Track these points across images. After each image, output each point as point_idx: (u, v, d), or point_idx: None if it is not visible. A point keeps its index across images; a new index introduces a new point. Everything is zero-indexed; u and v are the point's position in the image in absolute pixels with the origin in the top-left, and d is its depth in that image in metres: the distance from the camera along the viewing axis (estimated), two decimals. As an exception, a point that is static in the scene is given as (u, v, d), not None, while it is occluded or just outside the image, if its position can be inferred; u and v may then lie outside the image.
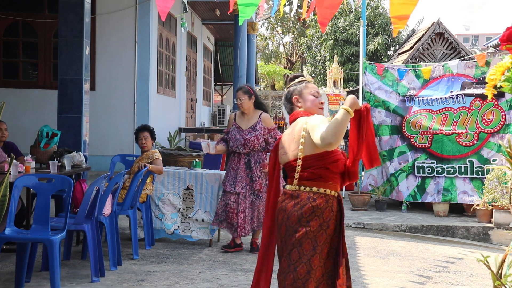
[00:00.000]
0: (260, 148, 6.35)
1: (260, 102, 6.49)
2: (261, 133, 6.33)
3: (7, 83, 11.43)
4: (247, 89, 6.43)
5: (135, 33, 11.43)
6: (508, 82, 2.65)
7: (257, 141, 6.30)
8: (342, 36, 26.27)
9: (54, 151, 6.32)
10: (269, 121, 6.43)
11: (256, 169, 6.30)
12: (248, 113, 6.41)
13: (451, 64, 9.95)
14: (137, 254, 5.95)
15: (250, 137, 6.29)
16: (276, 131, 6.44)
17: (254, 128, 6.34)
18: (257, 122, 6.36)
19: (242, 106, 6.37)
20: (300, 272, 3.11)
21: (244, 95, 6.36)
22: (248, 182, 6.29)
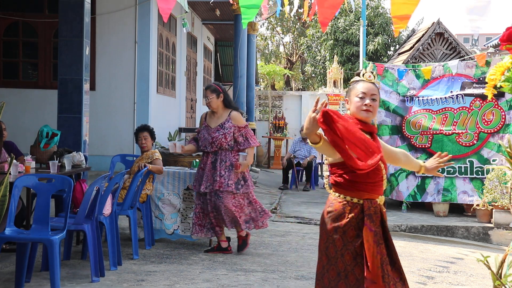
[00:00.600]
0: (228, 147, 6.15)
1: (229, 100, 6.33)
2: (229, 132, 6.14)
3: (7, 83, 11.43)
4: (215, 87, 6.29)
5: (135, 33, 11.43)
6: (508, 82, 2.65)
7: (224, 140, 6.12)
8: (342, 36, 26.26)
9: (54, 151, 6.32)
10: (239, 119, 6.25)
11: (220, 168, 6.11)
12: (218, 111, 6.27)
13: (451, 64, 9.95)
14: (137, 254, 5.95)
15: (218, 135, 6.14)
16: (247, 129, 6.23)
17: (223, 126, 6.18)
18: (226, 120, 6.21)
19: (210, 105, 6.26)
20: (332, 274, 3.16)
21: (212, 94, 6.24)
22: (212, 181, 6.12)
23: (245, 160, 6.13)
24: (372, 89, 3.25)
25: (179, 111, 14.31)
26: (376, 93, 3.26)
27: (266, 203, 10.73)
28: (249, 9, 5.16)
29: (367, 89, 3.25)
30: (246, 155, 6.16)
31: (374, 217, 3.15)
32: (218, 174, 6.09)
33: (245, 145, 6.18)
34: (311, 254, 6.57)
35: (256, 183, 13.33)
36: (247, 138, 6.19)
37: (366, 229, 3.13)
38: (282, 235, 7.69)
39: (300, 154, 13.37)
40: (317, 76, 29.91)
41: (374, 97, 3.24)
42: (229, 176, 6.10)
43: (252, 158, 6.23)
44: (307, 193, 12.57)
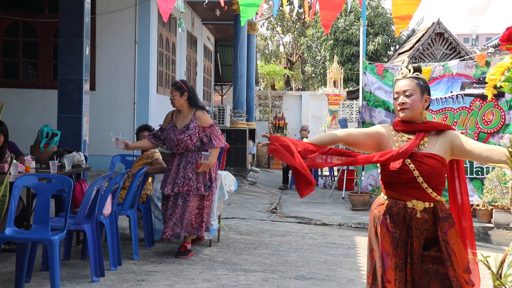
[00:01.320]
0: (194, 148, 5.96)
1: (195, 100, 6.06)
2: (194, 132, 5.93)
3: (7, 83, 11.43)
4: (180, 85, 6.04)
5: (135, 33, 11.42)
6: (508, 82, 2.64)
7: (190, 141, 5.93)
8: (342, 36, 26.27)
9: (54, 151, 6.32)
10: (204, 118, 6.00)
11: (187, 170, 5.95)
12: (183, 110, 6.04)
13: (451, 64, 9.95)
14: (137, 254, 5.95)
15: (183, 137, 5.93)
16: (212, 129, 5.98)
17: (188, 127, 5.95)
18: (191, 120, 5.97)
19: (173, 103, 6.03)
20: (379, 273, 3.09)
21: (176, 91, 6.00)
22: (175, 184, 5.95)
23: (207, 160, 5.91)
24: (405, 85, 3.09)
25: (179, 111, 14.30)
26: (409, 88, 3.07)
27: (266, 203, 10.73)
28: (248, 7, 5.16)
29: (399, 87, 3.11)
30: (209, 155, 5.93)
31: (395, 218, 3.04)
32: (185, 177, 5.93)
33: (209, 146, 5.98)
34: (311, 254, 6.57)
35: (256, 183, 13.34)
36: (211, 139, 5.97)
37: (383, 226, 3.07)
38: (282, 235, 7.69)
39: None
40: (317, 76, 29.91)
41: (407, 92, 3.07)
42: (197, 179, 5.94)
43: (214, 159, 5.98)
44: (307, 193, 12.55)
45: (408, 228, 3.03)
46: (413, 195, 3.04)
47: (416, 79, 3.11)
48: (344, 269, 5.95)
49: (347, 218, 9.25)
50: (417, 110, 3.07)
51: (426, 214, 3.03)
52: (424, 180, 3.01)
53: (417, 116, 3.09)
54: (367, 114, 10.21)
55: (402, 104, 3.06)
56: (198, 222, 6.02)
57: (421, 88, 3.09)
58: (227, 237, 7.26)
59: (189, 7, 14.30)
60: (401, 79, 3.14)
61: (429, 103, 3.13)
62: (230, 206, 9.74)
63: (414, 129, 3.08)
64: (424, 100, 3.09)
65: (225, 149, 9.98)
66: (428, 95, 3.12)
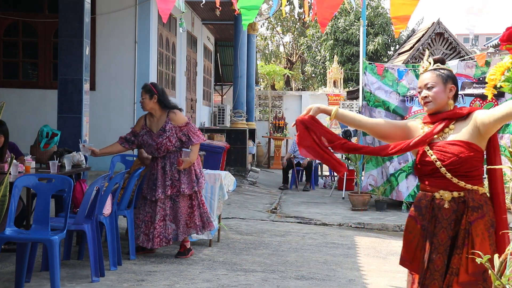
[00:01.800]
0: (175, 149, 5.91)
1: (166, 102, 5.97)
2: (172, 133, 5.87)
3: (7, 83, 11.42)
4: (149, 87, 5.96)
5: (135, 33, 11.42)
6: (508, 82, 2.65)
7: (170, 143, 5.86)
8: (342, 36, 26.27)
9: (54, 151, 6.31)
10: (178, 118, 5.94)
11: (172, 172, 5.90)
12: (156, 114, 5.97)
13: (451, 64, 9.95)
14: (134, 255, 5.93)
15: (162, 140, 5.85)
16: (189, 127, 5.93)
17: (164, 130, 5.88)
18: (166, 122, 5.91)
19: (143, 106, 5.97)
20: None
21: (145, 94, 5.94)
22: (165, 186, 5.89)
23: (188, 157, 5.89)
24: (426, 79, 3.06)
25: (179, 111, 14.29)
26: (430, 80, 3.03)
27: (266, 203, 10.73)
28: (249, 10, 5.16)
29: (421, 81, 3.08)
30: (190, 151, 5.91)
31: (424, 210, 2.99)
32: (173, 179, 5.90)
33: (189, 144, 5.94)
34: (311, 254, 6.57)
35: (256, 183, 13.34)
36: (189, 137, 5.92)
37: (411, 219, 3.04)
38: (282, 235, 7.69)
39: (300, 154, 13.36)
40: (317, 76, 29.91)
41: (429, 85, 3.03)
42: (184, 179, 5.91)
43: (195, 155, 5.93)
44: (307, 193, 12.57)
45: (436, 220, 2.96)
46: (440, 186, 2.96)
47: (437, 70, 3.07)
48: (344, 269, 5.95)
49: (347, 218, 9.25)
50: (440, 102, 3.02)
51: (455, 204, 2.94)
52: (448, 169, 2.92)
53: (442, 108, 3.04)
54: (367, 114, 10.21)
55: (424, 98, 3.04)
56: (193, 220, 6.00)
57: (443, 78, 3.04)
58: (227, 237, 7.26)
59: (189, 7, 14.29)
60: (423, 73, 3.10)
61: (455, 92, 3.05)
62: (230, 206, 9.74)
63: (438, 119, 3.04)
64: (448, 90, 3.03)
65: (225, 149, 10.01)
66: (454, 84, 3.05)
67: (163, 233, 5.90)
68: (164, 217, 5.92)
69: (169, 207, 5.94)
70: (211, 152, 9.42)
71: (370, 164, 10.30)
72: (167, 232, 5.91)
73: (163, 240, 5.90)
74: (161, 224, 5.90)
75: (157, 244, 5.88)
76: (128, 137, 6.10)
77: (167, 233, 5.91)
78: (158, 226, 5.88)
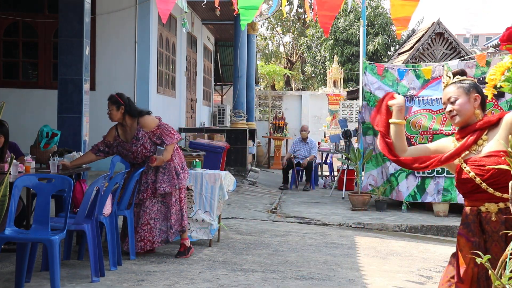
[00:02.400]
0: (152, 154, 5.88)
1: (134, 111, 5.90)
2: (146, 140, 5.86)
3: (7, 83, 11.43)
4: (116, 99, 5.87)
5: (135, 33, 11.42)
6: (508, 82, 2.64)
7: (145, 150, 5.87)
8: (342, 36, 26.27)
9: (54, 151, 6.32)
10: (149, 123, 5.91)
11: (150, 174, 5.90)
12: (126, 123, 5.91)
13: (451, 64, 9.95)
14: (134, 255, 5.92)
15: (137, 148, 5.86)
16: (161, 129, 5.88)
17: (137, 138, 5.86)
18: (138, 130, 5.87)
19: (111, 118, 5.90)
20: None
21: (112, 106, 5.86)
22: (148, 190, 5.90)
23: (161, 155, 5.85)
24: (448, 93, 3.01)
25: (179, 111, 14.32)
26: (452, 94, 2.99)
27: (266, 203, 10.73)
28: (248, 10, 5.16)
29: (444, 97, 3.04)
30: (163, 150, 5.87)
31: (472, 226, 2.90)
32: (147, 181, 5.90)
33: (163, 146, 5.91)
34: (311, 254, 6.57)
35: (256, 183, 13.34)
36: (162, 139, 5.89)
37: (461, 237, 2.96)
38: (282, 235, 7.69)
39: (300, 154, 13.37)
40: (317, 76, 29.91)
41: (452, 98, 2.98)
42: (160, 179, 5.89)
43: (169, 154, 5.88)
44: (307, 193, 12.57)
45: (486, 234, 2.89)
46: (484, 199, 2.88)
47: (458, 82, 3.03)
48: (344, 269, 5.95)
49: (347, 218, 9.25)
50: (466, 113, 2.97)
51: (502, 215, 2.85)
52: (489, 183, 2.83)
53: (470, 119, 2.98)
54: (367, 114, 10.21)
55: (450, 112, 2.99)
56: (177, 217, 5.99)
57: (465, 89, 2.99)
58: (227, 237, 7.26)
59: (189, 7, 14.29)
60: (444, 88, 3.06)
61: (480, 100, 2.99)
62: (230, 206, 9.75)
63: (469, 132, 2.96)
64: (473, 100, 2.98)
65: (225, 149, 10.00)
66: (478, 93, 3.00)
67: (147, 237, 5.91)
68: (149, 221, 5.92)
69: (157, 210, 5.96)
70: (211, 152, 9.42)
71: (370, 164, 10.30)
72: (152, 235, 5.93)
73: (147, 244, 5.92)
74: (144, 228, 5.91)
75: (139, 248, 5.91)
76: (101, 148, 6.07)
77: (151, 236, 5.92)
78: (141, 230, 5.90)
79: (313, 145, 13.54)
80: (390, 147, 3.08)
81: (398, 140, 3.09)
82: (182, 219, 6.04)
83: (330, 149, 14.09)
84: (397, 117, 3.09)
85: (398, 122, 3.08)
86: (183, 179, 6.04)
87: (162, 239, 6.01)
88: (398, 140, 3.09)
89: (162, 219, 5.98)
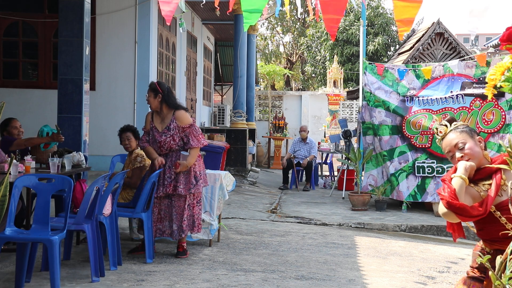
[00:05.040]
0: (178, 148, 5.92)
1: (171, 101, 5.98)
2: (176, 132, 5.89)
3: (7, 83, 11.43)
4: (154, 87, 5.97)
5: (135, 33, 11.43)
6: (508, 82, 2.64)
7: (173, 141, 5.89)
8: (342, 36, 26.25)
9: (54, 151, 6.32)
10: (183, 118, 5.94)
11: (170, 170, 5.91)
12: (161, 112, 5.98)
13: (451, 64, 9.95)
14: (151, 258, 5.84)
15: (166, 138, 5.89)
16: (191, 129, 5.93)
17: (169, 128, 5.91)
18: (171, 121, 5.92)
19: (150, 104, 6.00)
20: None
21: (151, 93, 5.96)
22: (164, 186, 5.90)
23: (185, 161, 5.86)
24: (452, 140, 2.97)
25: (179, 111, 14.30)
26: (457, 139, 2.94)
27: (266, 203, 10.73)
28: (251, 13, 5.16)
29: (447, 145, 3.00)
30: (188, 155, 5.89)
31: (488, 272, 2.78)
32: (170, 177, 5.90)
33: (187, 146, 5.93)
34: (311, 254, 6.57)
35: (256, 183, 13.34)
36: (189, 139, 5.91)
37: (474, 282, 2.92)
38: (282, 235, 7.69)
39: (300, 154, 13.37)
40: (317, 76, 29.90)
41: (459, 144, 2.94)
42: (180, 179, 5.89)
43: (193, 159, 5.88)
44: (307, 193, 12.57)
45: None
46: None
47: (458, 128, 3.00)
48: (344, 269, 5.95)
49: (347, 218, 9.25)
50: (478, 155, 2.92)
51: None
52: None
53: (482, 161, 2.93)
54: (367, 114, 10.21)
55: (462, 158, 2.91)
56: (190, 222, 6.00)
57: (468, 133, 2.97)
58: (227, 237, 7.26)
59: (189, 7, 14.29)
60: (442, 138, 3.02)
61: (484, 143, 2.98)
62: (230, 206, 9.74)
63: (488, 172, 2.89)
64: (478, 142, 2.96)
65: (225, 149, 10.01)
66: (478, 135, 3.00)
67: (158, 226, 5.98)
68: (159, 212, 5.98)
69: (165, 205, 5.99)
70: (211, 152, 9.43)
71: (370, 164, 10.30)
72: (163, 225, 5.99)
73: (157, 232, 5.99)
74: (155, 219, 5.97)
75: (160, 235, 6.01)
76: (147, 138, 6.08)
77: (162, 225, 5.99)
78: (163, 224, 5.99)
79: (313, 145, 13.55)
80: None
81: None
82: (193, 225, 6.03)
83: (330, 149, 14.10)
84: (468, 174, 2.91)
85: (465, 181, 2.87)
86: (200, 186, 6.03)
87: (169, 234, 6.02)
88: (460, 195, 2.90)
89: (169, 216, 5.98)
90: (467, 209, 2.81)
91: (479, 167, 2.93)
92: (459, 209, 2.81)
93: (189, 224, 6.02)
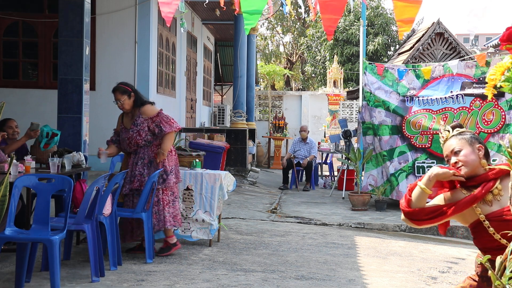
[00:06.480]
0: (145, 143, 5.90)
1: (140, 98, 5.99)
2: (142, 127, 5.87)
3: (7, 83, 11.43)
4: (124, 88, 5.99)
5: (135, 33, 11.42)
6: (508, 82, 2.64)
7: (139, 137, 5.88)
8: (342, 36, 26.26)
9: (54, 151, 6.32)
10: (149, 110, 5.92)
11: (138, 166, 5.89)
12: (131, 111, 6.02)
13: (451, 64, 9.96)
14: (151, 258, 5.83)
15: (132, 134, 5.90)
16: (161, 116, 5.89)
17: (135, 124, 5.92)
18: (137, 116, 5.92)
19: (124, 108, 5.97)
20: None
21: (123, 96, 5.94)
22: (132, 181, 5.89)
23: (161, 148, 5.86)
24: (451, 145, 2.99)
25: (179, 111, 14.31)
26: (455, 145, 2.97)
27: (266, 203, 10.73)
28: (252, 14, 5.17)
29: (446, 149, 3.01)
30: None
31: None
32: (137, 173, 5.89)
33: (161, 134, 5.88)
34: (311, 254, 6.57)
35: (256, 183, 13.34)
36: (160, 127, 5.86)
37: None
38: (282, 235, 7.69)
39: (300, 154, 13.37)
40: (317, 76, 29.90)
41: (455, 149, 2.97)
42: (148, 174, 5.87)
43: (168, 144, 5.86)
44: (307, 193, 12.57)
45: None
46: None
47: (459, 134, 3.03)
48: (344, 269, 5.95)
49: (347, 218, 9.25)
50: (472, 163, 2.93)
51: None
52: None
53: (477, 169, 2.93)
54: (367, 114, 10.21)
55: (455, 164, 2.94)
56: (158, 217, 5.95)
57: (467, 140, 2.99)
58: (227, 237, 7.26)
59: (189, 7, 14.29)
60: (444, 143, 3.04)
61: (484, 151, 2.98)
62: (230, 206, 9.74)
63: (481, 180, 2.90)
64: (477, 150, 2.96)
65: (225, 149, 9.99)
66: (480, 143, 3.00)
67: (127, 229, 6.05)
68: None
69: (133, 203, 5.97)
70: (211, 152, 9.41)
71: (370, 164, 10.30)
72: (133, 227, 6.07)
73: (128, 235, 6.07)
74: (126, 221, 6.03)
75: (127, 240, 6.07)
76: (114, 138, 6.17)
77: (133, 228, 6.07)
78: (124, 223, 6.04)
79: (313, 145, 13.55)
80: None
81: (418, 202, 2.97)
82: (164, 220, 5.97)
83: (330, 149, 14.10)
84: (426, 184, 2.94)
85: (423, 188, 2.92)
86: (170, 181, 5.97)
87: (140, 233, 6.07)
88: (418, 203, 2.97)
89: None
90: (417, 212, 2.92)
91: (474, 175, 2.93)
92: (409, 214, 2.93)
93: (160, 219, 5.96)
